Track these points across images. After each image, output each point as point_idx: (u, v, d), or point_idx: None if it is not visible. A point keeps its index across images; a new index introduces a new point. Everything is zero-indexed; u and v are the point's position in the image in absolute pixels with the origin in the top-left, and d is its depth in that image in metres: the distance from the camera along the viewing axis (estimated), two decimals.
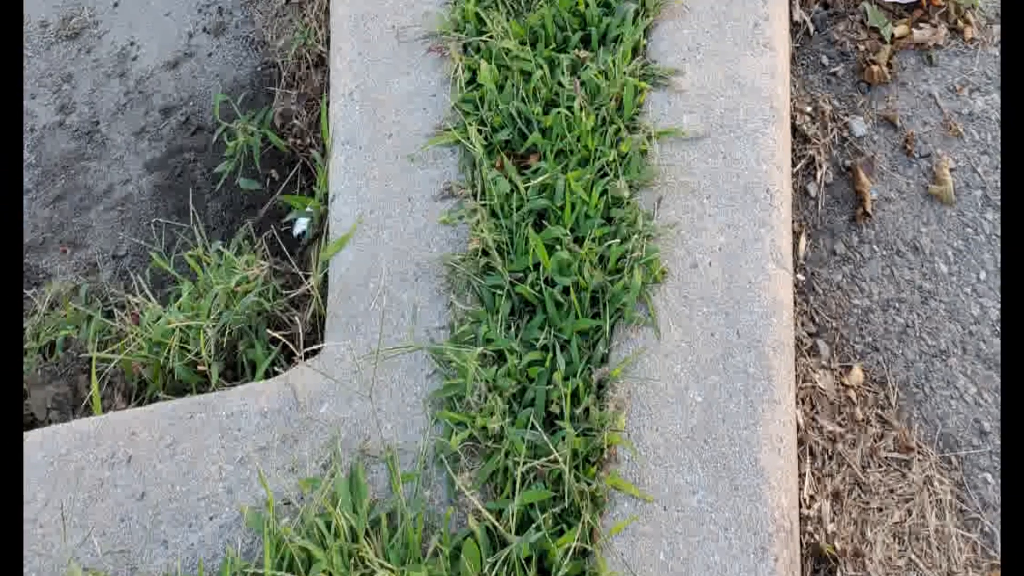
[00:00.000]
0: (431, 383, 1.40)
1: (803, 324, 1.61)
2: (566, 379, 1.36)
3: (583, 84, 1.64)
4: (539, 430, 1.30)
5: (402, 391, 1.39)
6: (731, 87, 1.65)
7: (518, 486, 1.26)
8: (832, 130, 1.84)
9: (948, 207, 1.71)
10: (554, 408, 1.34)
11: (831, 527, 1.39)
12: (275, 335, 1.55)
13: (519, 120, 1.63)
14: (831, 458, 1.47)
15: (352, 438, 1.36)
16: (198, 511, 1.31)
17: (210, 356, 1.54)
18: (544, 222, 1.54)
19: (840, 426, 1.50)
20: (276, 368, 1.55)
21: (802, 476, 1.42)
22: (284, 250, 1.81)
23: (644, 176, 1.55)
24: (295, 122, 1.99)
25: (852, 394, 1.54)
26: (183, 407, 1.42)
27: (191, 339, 1.56)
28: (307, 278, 1.62)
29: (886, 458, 1.48)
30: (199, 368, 1.55)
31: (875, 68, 1.86)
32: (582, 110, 1.59)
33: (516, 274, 1.48)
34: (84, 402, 1.61)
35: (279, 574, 1.21)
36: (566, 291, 1.44)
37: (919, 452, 1.48)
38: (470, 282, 1.48)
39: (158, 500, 1.32)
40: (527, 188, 1.54)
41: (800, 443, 1.44)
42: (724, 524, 1.24)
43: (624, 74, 1.64)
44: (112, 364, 1.60)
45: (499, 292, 1.46)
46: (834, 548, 1.37)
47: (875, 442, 1.49)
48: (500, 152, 1.61)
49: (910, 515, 1.42)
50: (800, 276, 1.67)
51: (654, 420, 1.33)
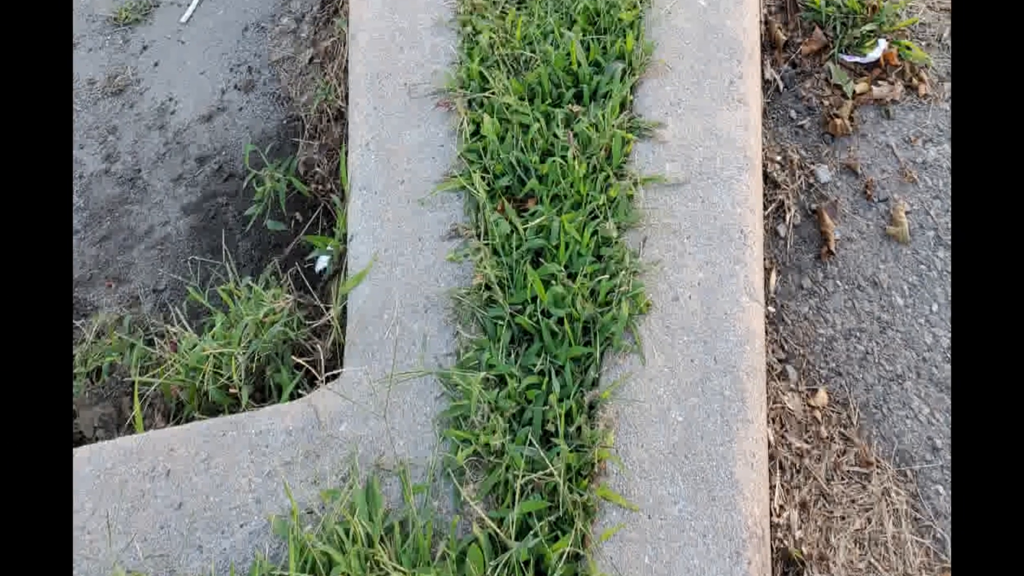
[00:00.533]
0: (439, 404, 1.42)
1: (774, 351, 1.64)
2: (560, 401, 1.38)
3: (576, 136, 1.67)
4: (536, 447, 1.33)
5: (413, 411, 1.42)
6: (709, 138, 1.68)
7: (517, 497, 1.28)
8: (800, 177, 1.87)
9: (904, 246, 1.75)
10: (550, 427, 1.36)
11: (799, 534, 1.41)
12: (299, 361, 1.58)
13: (518, 168, 1.66)
14: (799, 472, 1.49)
15: (368, 454, 1.38)
16: (230, 519, 1.34)
17: (240, 380, 1.57)
18: (541, 260, 1.56)
19: (807, 443, 1.52)
20: (300, 391, 1.56)
21: (773, 488, 1.45)
22: (307, 285, 1.85)
23: (631, 218, 1.58)
24: (317, 169, 2.04)
25: (818, 414, 1.56)
26: (216, 426, 1.44)
27: (223, 365, 1.59)
28: (328, 310, 1.64)
29: (848, 472, 1.50)
30: (231, 391, 1.58)
31: (838, 121, 1.91)
32: (575, 159, 1.63)
33: (516, 306, 1.50)
34: (127, 421, 1.64)
35: None
36: (560, 322, 1.46)
37: (878, 466, 1.50)
38: (474, 313, 1.51)
39: (194, 509, 1.35)
40: (525, 229, 1.57)
41: (771, 458, 1.47)
42: (703, 531, 1.27)
43: (613, 127, 1.68)
44: (152, 387, 1.64)
45: (500, 323, 1.48)
46: (801, 553, 1.39)
47: (838, 457, 1.51)
48: (501, 197, 1.64)
49: (870, 523, 1.44)
50: (771, 308, 1.70)
51: (640, 437, 1.36)
